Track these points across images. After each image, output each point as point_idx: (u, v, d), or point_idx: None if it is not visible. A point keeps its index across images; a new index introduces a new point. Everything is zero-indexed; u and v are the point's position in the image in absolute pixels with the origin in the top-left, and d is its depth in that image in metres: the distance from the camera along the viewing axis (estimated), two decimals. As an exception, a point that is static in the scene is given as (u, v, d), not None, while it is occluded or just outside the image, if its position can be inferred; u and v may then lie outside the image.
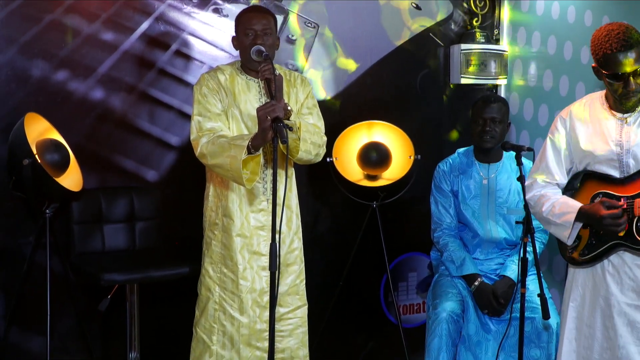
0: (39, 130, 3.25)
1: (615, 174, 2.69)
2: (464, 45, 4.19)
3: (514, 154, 3.11)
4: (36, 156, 3.13)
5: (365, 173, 3.87)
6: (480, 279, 3.46)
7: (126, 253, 3.51)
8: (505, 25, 4.32)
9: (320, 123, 3.18)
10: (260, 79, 3.03)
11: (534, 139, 4.03)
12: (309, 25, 3.96)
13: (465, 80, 4.22)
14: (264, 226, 3.09)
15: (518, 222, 3.05)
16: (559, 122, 2.82)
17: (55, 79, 3.45)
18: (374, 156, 3.82)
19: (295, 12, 3.92)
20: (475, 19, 4.31)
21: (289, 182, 3.13)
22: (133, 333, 3.41)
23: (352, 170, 3.87)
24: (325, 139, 3.13)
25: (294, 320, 3.19)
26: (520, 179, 3.03)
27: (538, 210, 2.83)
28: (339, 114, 4.04)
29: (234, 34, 3.12)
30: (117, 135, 3.60)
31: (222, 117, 3.02)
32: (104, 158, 3.59)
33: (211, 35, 3.75)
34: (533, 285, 3.38)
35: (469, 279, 3.48)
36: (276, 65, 3.04)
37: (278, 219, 2.56)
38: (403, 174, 3.88)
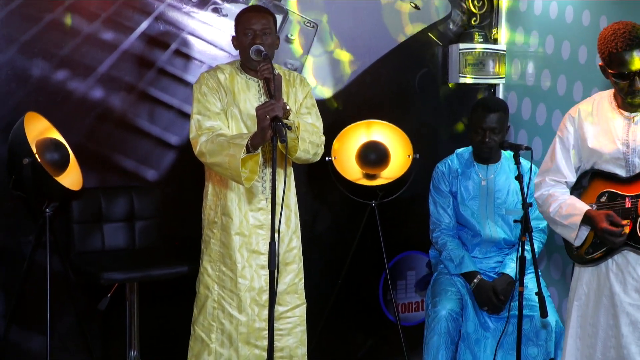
0: (39, 129, 3.26)
1: (622, 173, 2.69)
2: (462, 45, 4.20)
3: (512, 154, 3.11)
4: (36, 155, 3.13)
5: (364, 172, 3.88)
6: (479, 276, 3.47)
7: (126, 252, 3.52)
8: (504, 24, 4.33)
9: (319, 123, 3.19)
10: (259, 79, 3.04)
11: (532, 138, 4.04)
12: (308, 25, 3.96)
13: (464, 80, 4.23)
14: (263, 225, 3.10)
15: (516, 221, 3.05)
16: (568, 121, 2.81)
17: (55, 78, 3.46)
18: (373, 155, 3.82)
19: (295, 12, 3.93)
20: (474, 19, 4.32)
21: (288, 181, 3.13)
22: (133, 332, 3.42)
23: (351, 169, 3.87)
24: (323, 138, 3.13)
25: (292, 319, 3.20)
26: (519, 178, 3.04)
27: (545, 210, 2.82)
28: (338, 113, 4.05)
29: (233, 34, 3.12)
30: (117, 134, 3.61)
31: (222, 116, 3.03)
32: (103, 157, 3.60)
33: (211, 34, 3.75)
34: (532, 283, 3.38)
35: (469, 277, 3.48)
36: (275, 65, 3.04)
37: (277, 218, 2.57)
38: (402, 173, 3.88)
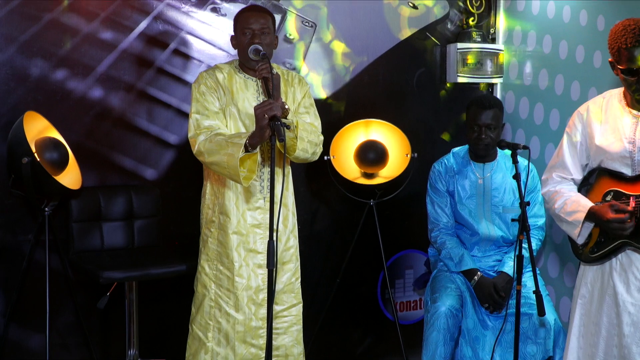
0: (38, 128, 3.26)
1: (627, 171, 2.68)
2: (460, 44, 4.21)
3: (509, 153, 3.12)
4: (35, 154, 3.13)
5: (362, 171, 3.88)
6: (479, 273, 3.48)
7: (125, 251, 3.52)
8: (501, 24, 4.34)
9: (317, 122, 3.20)
10: (258, 78, 3.04)
11: (530, 138, 4.04)
12: (307, 24, 3.97)
13: (462, 79, 4.23)
14: (261, 224, 3.11)
15: (514, 220, 3.06)
16: (577, 118, 2.81)
17: (55, 77, 3.46)
18: (371, 154, 3.82)
19: (293, 12, 3.93)
20: (472, 18, 4.32)
21: (286, 181, 3.13)
22: (132, 330, 3.42)
23: (350, 168, 3.88)
24: (322, 138, 3.14)
25: (289, 318, 3.21)
26: (516, 177, 3.04)
27: (551, 206, 2.83)
28: (336, 112, 4.06)
29: (232, 33, 3.13)
30: (116, 133, 3.62)
31: (220, 115, 3.03)
32: (102, 156, 3.60)
33: (209, 34, 3.76)
34: (530, 282, 3.39)
35: (469, 274, 3.49)
36: (274, 65, 3.05)
37: (275, 217, 2.58)
38: (400, 172, 3.89)
